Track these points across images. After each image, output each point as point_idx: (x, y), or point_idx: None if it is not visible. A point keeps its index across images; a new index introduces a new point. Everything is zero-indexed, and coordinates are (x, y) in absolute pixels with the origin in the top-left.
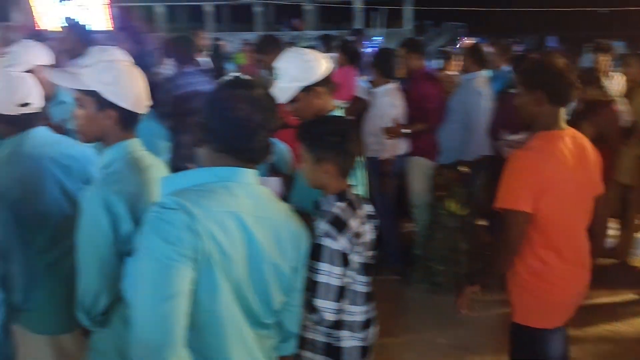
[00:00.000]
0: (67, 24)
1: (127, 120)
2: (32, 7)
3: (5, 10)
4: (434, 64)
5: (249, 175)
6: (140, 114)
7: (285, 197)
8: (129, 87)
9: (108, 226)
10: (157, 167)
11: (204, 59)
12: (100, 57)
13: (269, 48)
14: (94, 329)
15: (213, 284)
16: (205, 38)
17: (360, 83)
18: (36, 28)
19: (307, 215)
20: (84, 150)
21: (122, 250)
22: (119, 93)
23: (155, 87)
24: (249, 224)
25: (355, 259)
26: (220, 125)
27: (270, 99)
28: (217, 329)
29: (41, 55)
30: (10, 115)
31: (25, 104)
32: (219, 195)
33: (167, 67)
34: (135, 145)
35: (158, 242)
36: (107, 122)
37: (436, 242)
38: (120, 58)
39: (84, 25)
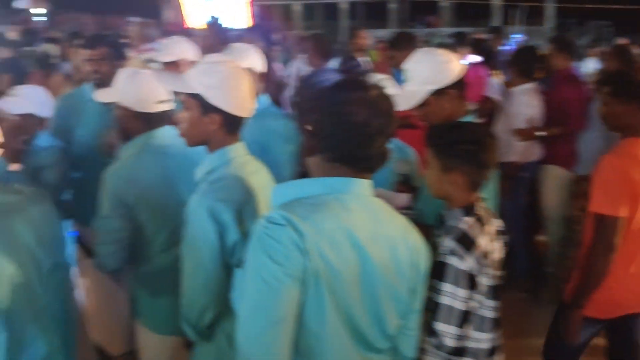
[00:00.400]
0: (207, 22)
1: (231, 125)
2: (182, 6)
3: (158, 8)
4: (586, 64)
5: (364, 187)
6: (245, 118)
7: (410, 208)
8: (233, 91)
9: (214, 236)
10: (262, 174)
11: (364, 59)
12: (206, 59)
13: (403, 44)
14: (199, 342)
15: (321, 306)
16: (365, 37)
17: (492, 83)
18: (184, 26)
19: (427, 229)
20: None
21: (228, 262)
22: (222, 97)
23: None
24: (362, 241)
25: (484, 281)
26: (334, 132)
27: (388, 100)
28: (323, 354)
29: (188, 50)
30: (147, 112)
31: (163, 101)
32: (331, 209)
33: (301, 65)
34: (239, 150)
35: (265, 260)
36: (211, 126)
37: (570, 261)
38: (226, 60)
39: (222, 24)
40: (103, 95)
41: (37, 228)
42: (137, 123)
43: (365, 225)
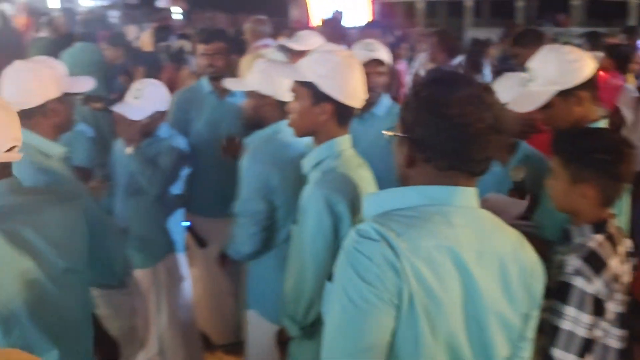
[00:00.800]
0: (325, 18)
1: (342, 115)
2: (307, 4)
3: (286, 7)
4: None
5: (469, 196)
6: (356, 109)
7: (525, 219)
8: (346, 80)
9: (330, 227)
10: (366, 168)
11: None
12: (319, 48)
13: (529, 41)
14: (299, 338)
15: (416, 335)
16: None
17: (626, 90)
18: (309, 24)
19: (545, 244)
20: None
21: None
22: (334, 85)
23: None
24: (467, 261)
25: (611, 307)
26: (438, 133)
27: (494, 96)
28: None
29: (319, 43)
30: (284, 101)
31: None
32: (432, 223)
33: (424, 62)
34: (347, 142)
35: (354, 279)
36: (321, 116)
37: None
38: (338, 49)
39: (339, 20)
40: (237, 85)
41: (45, 229)
42: (274, 111)
43: (470, 242)
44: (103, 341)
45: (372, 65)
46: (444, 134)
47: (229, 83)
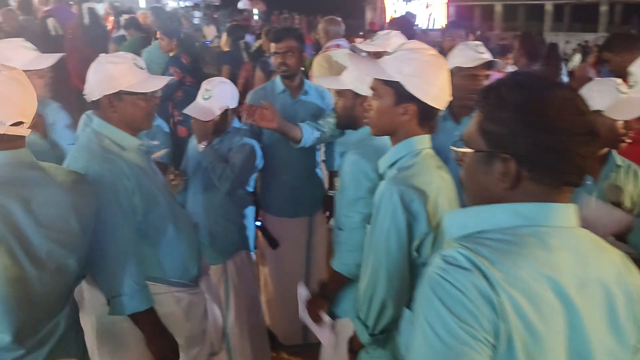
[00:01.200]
0: (394, 18)
1: (425, 116)
2: (384, 6)
3: (362, 9)
4: None
5: (568, 214)
6: (439, 110)
7: (622, 236)
8: (432, 80)
9: (404, 225)
10: (445, 169)
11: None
12: (404, 45)
13: (621, 46)
14: (370, 347)
15: None
16: None
17: None
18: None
19: None
20: None
21: (413, 259)
22: (420, 85)
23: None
24: (569, 291)
25: None
26: (538, 144)
27: (584, 99)
28: None
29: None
30: None
31: None
32: (527, 248)
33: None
34: (426, 142)
35: (442, 313)
36: (403, 116)
37: None
38: (424, 47)
39: (410, 20)
40: (332, 83)
41: (37, 207)
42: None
43: (570, 268)
44: (158, 342)
45: (482, 68)
46: (544, 143)
47: (323, 81)
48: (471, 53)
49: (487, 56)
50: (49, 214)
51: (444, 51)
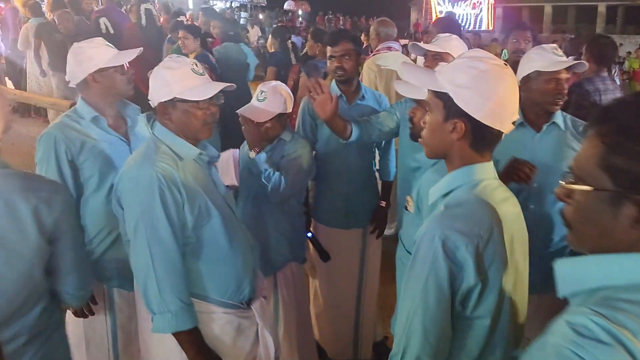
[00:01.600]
0: (438, 18)
1: (480, 138)
2: (430, 7)
3: (408, 10)
4: None
5: None
6: (498, 132)
7: None
8: (487, 93)
9: (446, 275)
10: (512, 202)
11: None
12: (466, 53)
13: None
14: None
15: None
16: None
17: None
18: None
19: None
20: None
21: (456, 312)
22: (471, 98)
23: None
24: None
25: None
26: None
27: None
28: None
29: (457, 48)
30: None
31: None
32: None
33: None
34: (489, 171)
35: None
36: (452, 135)
37: None
38: (487, 57)
39: (455, 22)
40: (414, 92)
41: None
42: None
43: None
44: None
45: (563, 72)
46: None
47: (401, 88)
48: (551, 56)
49: (568, 59)
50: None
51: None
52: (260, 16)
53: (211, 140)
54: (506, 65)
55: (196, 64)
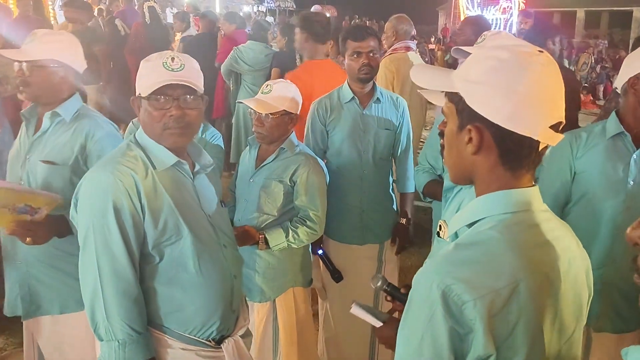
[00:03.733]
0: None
1: (505, 150)
2: (459, 12)
3: (435, 15)
4: None
5: None
6: (536, 143)
7: None
8: (506, 89)
9: (446, 340)
10: (565, 242)
11: None
12: (489, 42)
13: None
14: None
15: None
16: None
17: None
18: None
19: None
20: None
21: None
22: (485, 97)
23: None
24: None
25: None
26: None
27: None
28: None
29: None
30: None
31: None
32: None
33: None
34: (530, 199)
35: None
36: (468, 147)
37: None
38: (515, 43)
39: (485, 20)
40: (437, 99)
41: None
42: None
43: None
44: None
45: None
46: None
47: (425, 93)
48: None
49: None
50: None
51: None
52: (289, 20)
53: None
54: (542, 51)
55: (172, 59)
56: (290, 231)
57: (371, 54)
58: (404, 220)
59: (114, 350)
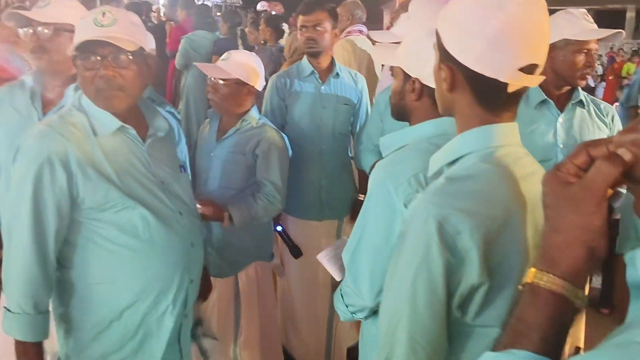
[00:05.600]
0: None
1: (479, 91)
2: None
3: (378, 12)
4: None
5: None
6: (504, 86)
7: None
8: (477, 29)
9: (441, 273)
10: (540, 181)
11: None
12: None
13: None
14: None
15: None
16: None
17: None
18: None
19: None
20: None
21: (459, 321)
22: (458, 37)
23: None
24: None
25: None
26: None
27: None
28: None
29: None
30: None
31: None
32: None
33: None
34: (510, 135)
35: None
36: (442, 84)
37: None
38: None
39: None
40: (386, 58)
41: None
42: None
43: None
44: None
45: (594, 42)
46: None
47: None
48: (582, 23)
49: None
50: None
51: None
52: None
53: None
54: None
55: (104, 13)
56: (253, 206)
57: (318, 28)
58: (362, 197)
59: (4, 318)
